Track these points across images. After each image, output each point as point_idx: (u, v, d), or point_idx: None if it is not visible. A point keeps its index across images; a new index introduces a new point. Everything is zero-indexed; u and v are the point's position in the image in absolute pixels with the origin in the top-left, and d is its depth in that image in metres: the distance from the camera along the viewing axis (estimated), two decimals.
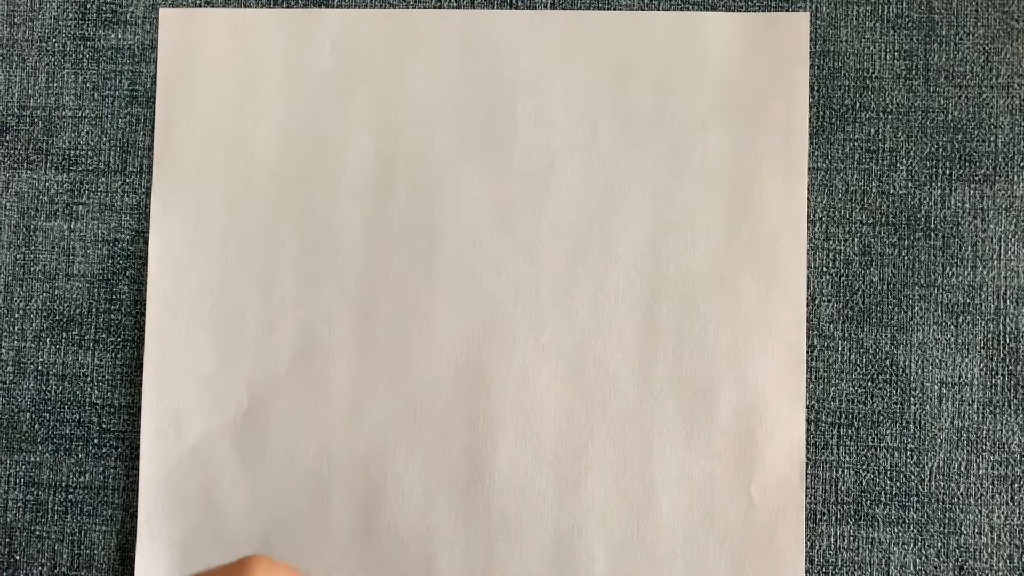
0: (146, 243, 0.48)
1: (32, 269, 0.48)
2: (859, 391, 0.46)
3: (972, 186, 0.46)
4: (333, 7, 0.48)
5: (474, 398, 0.46)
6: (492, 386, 0.46)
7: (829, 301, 0.46)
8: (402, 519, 0.46)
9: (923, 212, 0.46)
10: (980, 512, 0.45)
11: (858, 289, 0.46)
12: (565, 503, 0.46)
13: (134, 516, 0.47)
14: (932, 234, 0.46)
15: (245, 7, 0.48)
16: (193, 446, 0.47)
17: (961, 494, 0.45)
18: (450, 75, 0.48)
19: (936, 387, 0.46)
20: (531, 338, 0.46)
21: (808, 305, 0.46)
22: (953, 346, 0.46)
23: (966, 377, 0.46)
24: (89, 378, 0.48)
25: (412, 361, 0.47)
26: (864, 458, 0.46)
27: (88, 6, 0.49)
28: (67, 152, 0.49)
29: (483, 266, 0.47)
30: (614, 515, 0.46)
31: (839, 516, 0.46)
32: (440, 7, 0.48)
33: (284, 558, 0.46)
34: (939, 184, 0.46)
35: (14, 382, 0.48)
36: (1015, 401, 0.45)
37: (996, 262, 0.46)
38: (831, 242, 0.46)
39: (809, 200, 0.47)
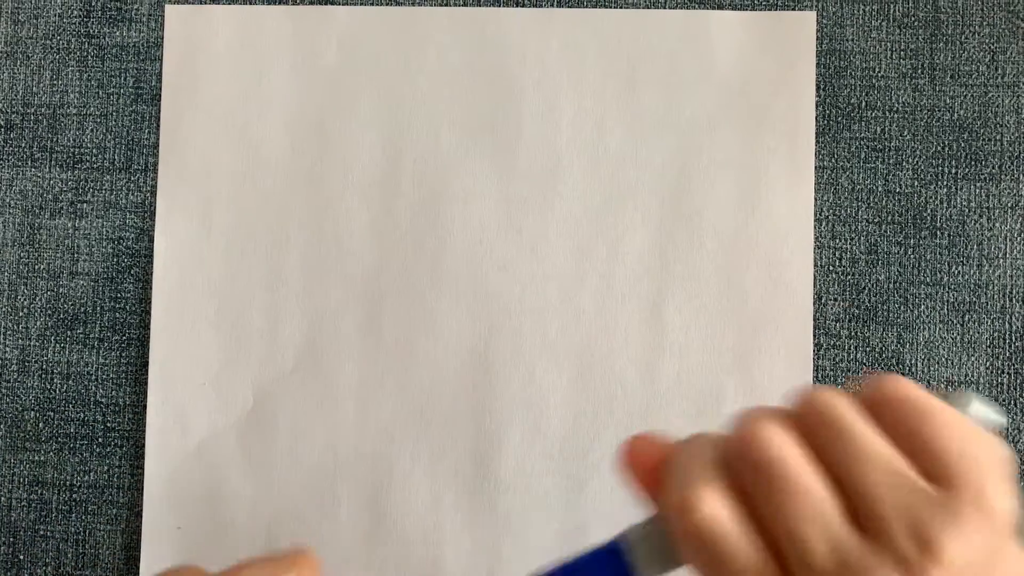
0: (151, 241, 0.48)
1: (37, 267, 0.48)
2: None
3: (978, 185, 0.46)
4: (340, 4, 0.48)
5: (480, 396, 0.46)
6: (498, 384, 0.46)
7: (835, 300, 0.46)
8: (408, 517, 0.46)
9: (929, 211, 0.46)
10: None
11: (864, 288, 0.46)
12: (571, 502, 0.46)
13: (139, 515, 0.47)
14: (938, 233, 0.46)
15: (251, 4, 0.48)
16: (198, 444, 0.47)
17: None
18: (457, 73, 0.48)
19: (942, 385, 0.46)
20: (538, 336, 0.46)
21: (814, 304, 0.46)
22: (959, 345, 0.46)
23: (972, 375, 0.46)
24: (94, 376, 0.48)
25: (418, 359, 0.47)
26: None
27: (93, 3, 0.49)
28: (72, 150, 0.49)
29: (490, 264, 0.47)
30: (620, 514, 0.46)
31: None
32: (447, 5, 0.48)
33: None
34: (945, 183, 0.46)
35: (19, 380, 0.48)
36: (1021, 400, 0.45)
37: (1002, 261, 0.46)
38: (837, 241, 0.46)
39: (815, 199, 0.47)
